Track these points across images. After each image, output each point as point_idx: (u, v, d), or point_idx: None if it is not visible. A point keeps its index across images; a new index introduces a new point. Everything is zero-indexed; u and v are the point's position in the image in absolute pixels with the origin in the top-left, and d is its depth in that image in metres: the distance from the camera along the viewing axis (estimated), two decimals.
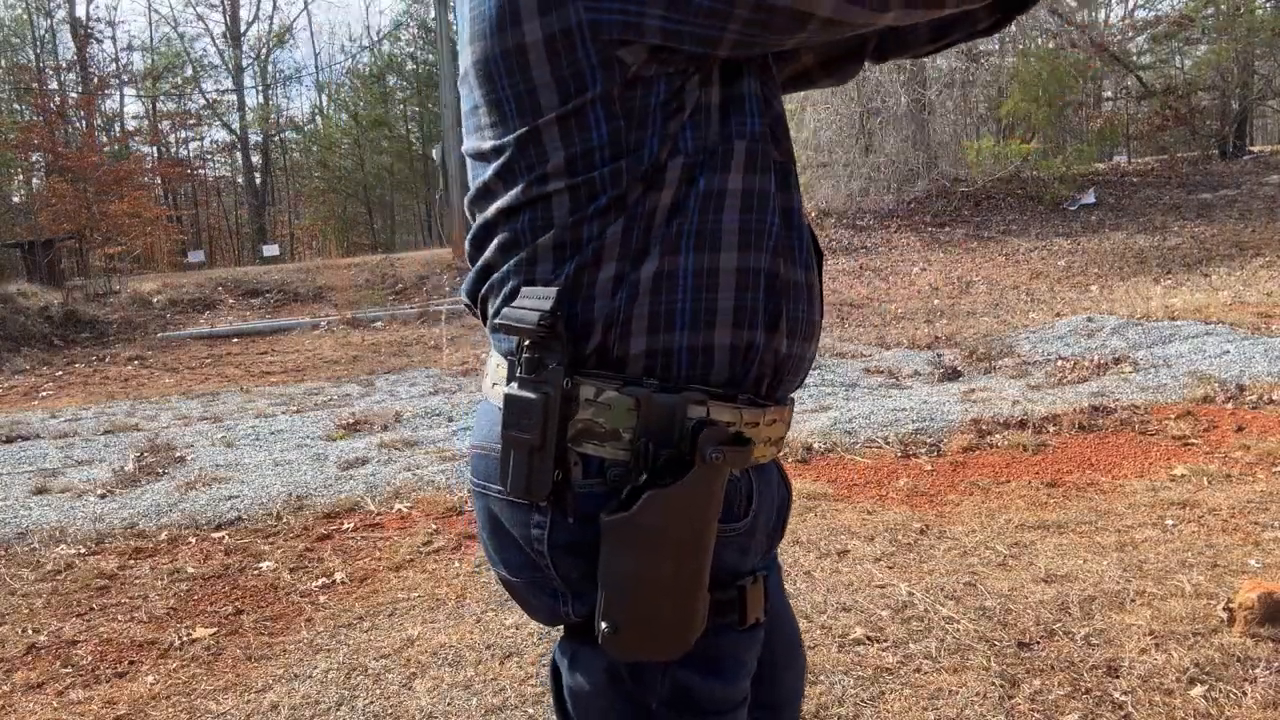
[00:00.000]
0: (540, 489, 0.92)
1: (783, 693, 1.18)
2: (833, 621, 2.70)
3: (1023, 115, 15.97)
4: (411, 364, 9.48)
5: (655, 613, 0.91)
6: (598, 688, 0.98)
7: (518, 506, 0.96)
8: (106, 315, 13.08)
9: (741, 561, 0.99)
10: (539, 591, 1.00)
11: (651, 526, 0.88)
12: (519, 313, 0.92)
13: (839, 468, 4.34)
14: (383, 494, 4.30)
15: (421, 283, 14.44)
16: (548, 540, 0.95)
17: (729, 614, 0.97)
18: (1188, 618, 2.55)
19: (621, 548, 0.89)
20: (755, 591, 0.99)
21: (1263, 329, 6.59)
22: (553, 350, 0.91)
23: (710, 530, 0.92)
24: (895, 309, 10.20)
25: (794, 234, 0.99)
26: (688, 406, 0.91)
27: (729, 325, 0.94)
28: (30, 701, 2.56)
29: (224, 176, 36.10)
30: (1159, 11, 20.70)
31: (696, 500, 0.89)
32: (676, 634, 0.92)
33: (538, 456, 0.91)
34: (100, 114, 29.84)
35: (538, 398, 0.90)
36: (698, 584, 0.92)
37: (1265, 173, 14.81)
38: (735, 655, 0.99)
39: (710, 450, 0.88)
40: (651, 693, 0.97)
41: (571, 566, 0.95)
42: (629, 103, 0.89)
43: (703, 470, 0.89)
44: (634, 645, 0.92)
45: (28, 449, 5.88)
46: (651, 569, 0.89)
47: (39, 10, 28.71)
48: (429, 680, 2.53)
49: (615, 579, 0.90)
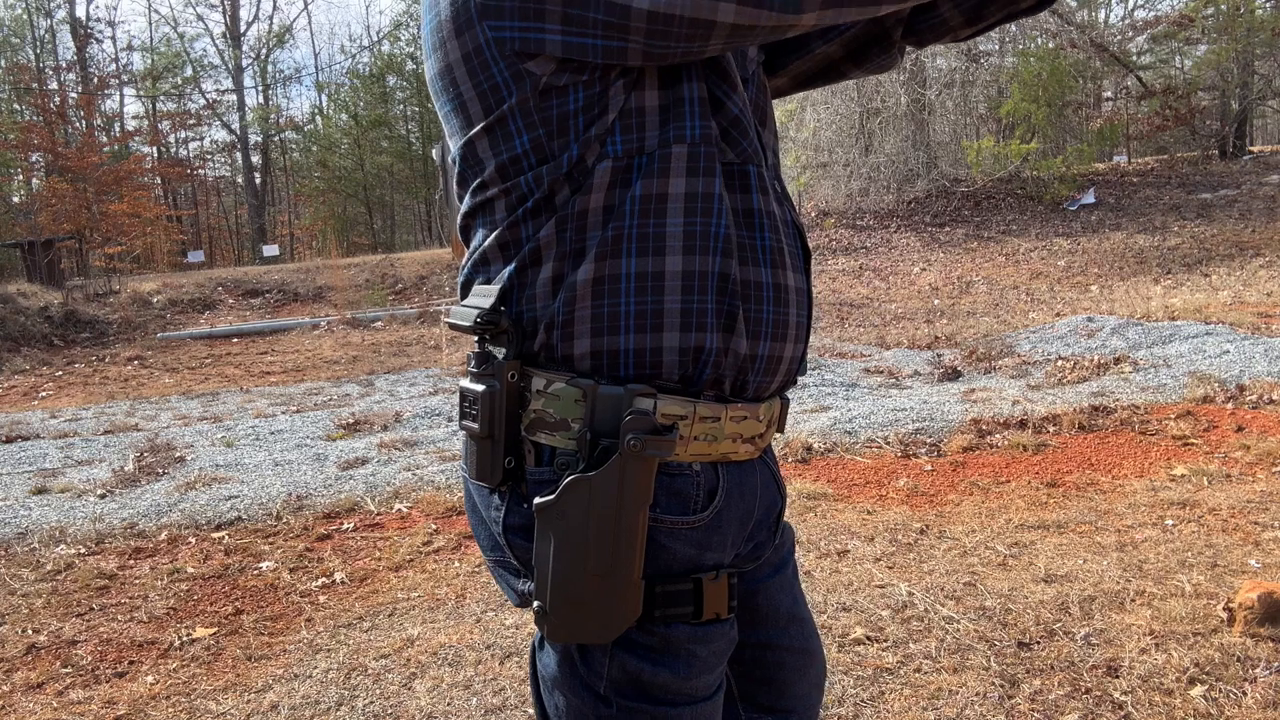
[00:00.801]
0: (493, 475, 0.97)
1: (792, 700, 1.17)
2: (833, 621, 2.70)
3: (1023, 115, 15.96)
4: (411, 364, 9.48)
5: (579, 596, 0.93)
6: (558, 668, 1.01)
7: (484, 489, 1.02)
8: (106, 315, 13.08)
9: (699, 557, 0.99)
10: (505, 571, 1.05)
11: (573, 511, 0.92)
12: (462, 310, 0.98)
13: (839, 468, 4.34)
14: (382, 494, 4.30)
15: (421, 283, 14.44)
16: (503, 523, 1.00)
17: (680, 606, 0.98)
18: (1188, 618, 2.55)
19: (547, 531, 0.93)
20: (716, 588, 1.00)
21: (1263, 329, 6.59)
22: (499, 344, 0.96)
23: (635, 518, 0.93)
24: (895, 309, 10.20)
25: (756, 234, 1.00)
26: (634, 399, 0.93)
27: (676, 328, 0.95)
28: (30, 701, 2.56)
29: (224, 176, 36.15)
30: (1159, 11, 20.73)
31: (616, 486, 0.91)
32: (601, 619, 0.94)
33: (487, 445, 0.96)
34: (100, 114, 29.87)
35: (483, 389, 0.95)
36: (623, 570, 0.93)
37: (1265, 173, 14.82)
38: (688, 648, 0.99)
39: (629, 438, 0.91)
40: (598, 676, 0.99)
41: (524, 549, 0.99)
42: (545, 111, 0.93)
43: (622, 458, 0.91)
44: (562, 627, 0.95)
45: (28, 449, 5.88)
46: (572, 552, 0.92)
47: (39, 10, 28.72)
48: (429, 680, 2.53)
49: (542, 561, 0.94)
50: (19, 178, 25.89)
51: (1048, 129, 16.77)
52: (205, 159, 35.08)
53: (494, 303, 0.95)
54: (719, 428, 0.98)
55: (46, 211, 18.22)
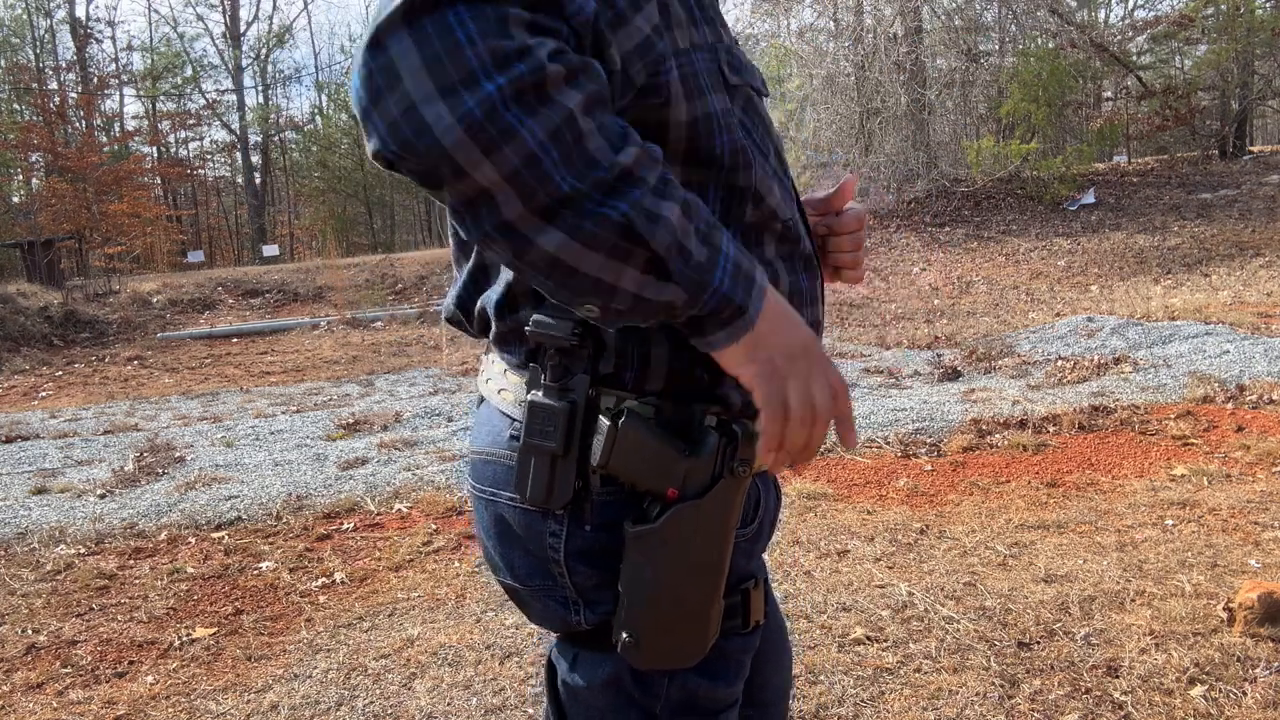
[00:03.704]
0: (561, 497, 0.90)
1: (770, 692, 1.19)
2: (833, 621, 2.70)
3: (1023, 115, 15.97)
4: (411, 364, 9.48)
5: (678, 623, 0.91)
6: (599, 693, 0.98)
7: (532, 514, 0.95)
8: (106, 315, 13.08)
9: (746, 566, 1.01)
10: (547, 599, 0.99)
11: (677, 539, 0.89)
12: (551, 320, 0.89)
13: (839, 468, 4.34)
14: (382, 494, 4.29)
15: (421, 283, 14.44)
16: (564, 548, 0.94)
17: (734, 618, 0.98)
18: (1188, 618, 2.55)
19: (646, 559, 0.89)
20: (757, 595, 1.01)
21: (1263, 329, 6.59)
22: (579, 359, 0.90)
23: (730, 541, 0.92)
24: (895, 309, 10.20)
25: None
26: (706, 416, 0.91)
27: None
28: (30, 701, 2.56)
29: (224, 176, 36.14)
30: (1159, 11, 20.72)
31: (720, 512, 0.90)
32: (697, 642, 0.93)
33: (560, 465, 0.90)
34: (100, 114, 29.87)
35: (563, 406, 0.89)
36: (717, 593, 0.93)
37: (1265, 173, 14.82)
38: (738, 658, 1.00)
39: (737, 463, 0.89)
40: (656, 699, 0.97)
41: (586, 575, 0.95)
42: None
43: (729, 483, 0.89)
44: (654, 655, 0.92)
45: (27, 449, 5.88)
46: (676, 581, 0.90)
47: (39, 10, 28.71)
48: (429, 680, 2.53)
49: (638, 589, 0.90)
50: (19, 178, 25.89)
51: (1048, 129, 16.78)
52: (205, 159, 35.09)
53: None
54: None
55: (46, 211, 18.22)
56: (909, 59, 15.63)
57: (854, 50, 16.09)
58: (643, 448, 0.88)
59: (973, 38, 17.29)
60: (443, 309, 1.08)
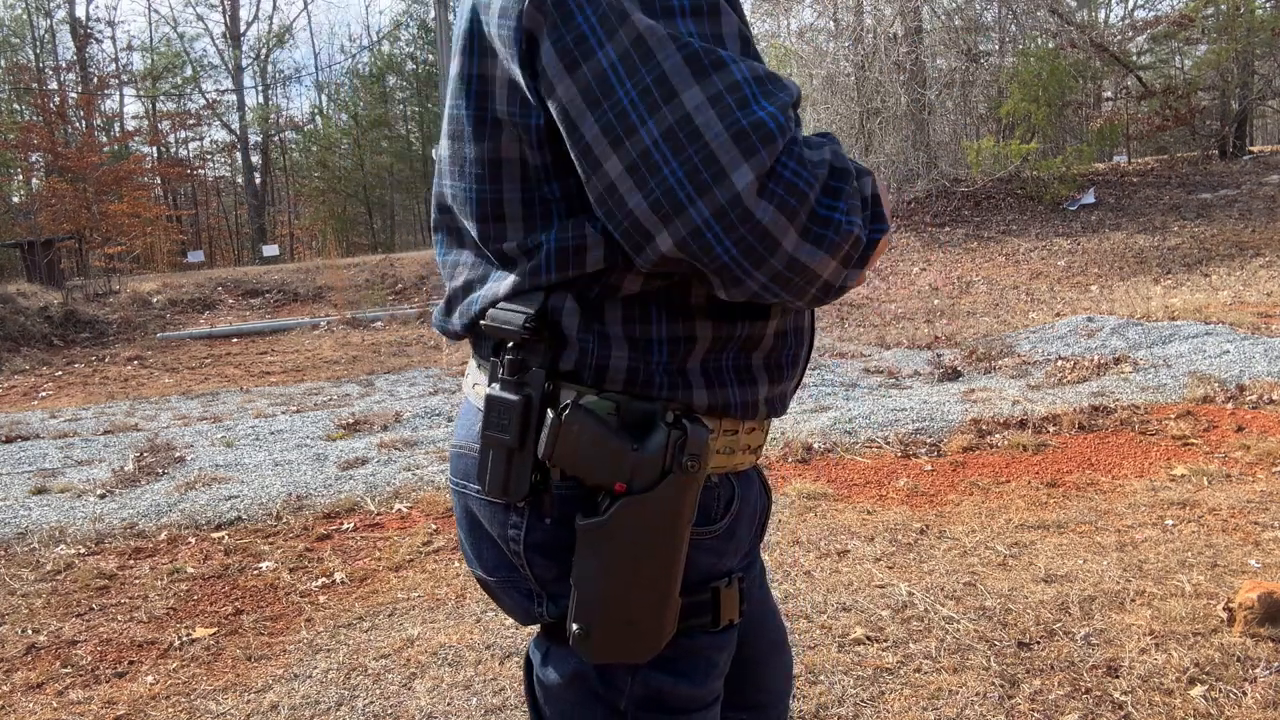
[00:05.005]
0: (519, 490, 0.92)
1: (766, 695, 1.18)
2: (833, 621, 2.70)
3: (1023, 115, 15.94)
4: (411, 364, 9.48)
5: (626, 616, 0.91)
6: (567, 687, 0.99)
7: (495, 506, 0.97)
8: (106, 315, 13.08)
9: (716, 564, 1.00)
10: (513, 591, 1.01)
11: (625, 532, 0.89)
12: (505, 314, 0.92)
13: (839, 468, 4.34)
14: (382, 494, 4.29)
15: (421, 283, 14.43)
16: (524, 541, 0.96)
17: (702, 616, 0.98)
18: (1188, 618, 2.55)
19: (594, 553, 0.90)
20: (730, 594, 1.00)
21: (1263, 329, 6.59)
22: (535, 353, 0.92)
23: (683, 536, 0.92)
24: (895, 309, 10.20)
25: None
26: (668, 413, 0.91)
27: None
28: (30, 701, 2.56)
29: (224, 176, 36.12)
30: (1159, 11, 20.72)
31: (669, 508, 0.90)
32: (647, 638, 0.93)
33: (516, 457, 0.91)
34: (100, 114, 29.86)
35: (518, 399, 0.91)
36: (670, 589, 0.93)
37: (1265, 173, 14.81)
38: (707, 656, 1.00)
39: (686, 459, 0.89)
40: (620, 694, 0.98)
41: (546, 567, 0.96)
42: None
43: (677, 478, 0.89)
44: (604, 648, 0.93)
45: (27, 449, 5.87)
46: (623, 574, 0.90)
47: (39, 10, 28.72)
48: (429, 680, 2.53)
49: (587, 583, 0.91)
50: (19, 178, 25.89)
51: (1048, 129, 16.75)
52: (205, 159, 35.06)
53: (539, 309, 0.91)
54: (735, 440, 0.99)
55: (46, 211, 18.21)
56: (909, 59, 15.62)
57: (854, 50, 16.08)
58: (589, 441, 0.89)
59: (973, 38, 17.27)
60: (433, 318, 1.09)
